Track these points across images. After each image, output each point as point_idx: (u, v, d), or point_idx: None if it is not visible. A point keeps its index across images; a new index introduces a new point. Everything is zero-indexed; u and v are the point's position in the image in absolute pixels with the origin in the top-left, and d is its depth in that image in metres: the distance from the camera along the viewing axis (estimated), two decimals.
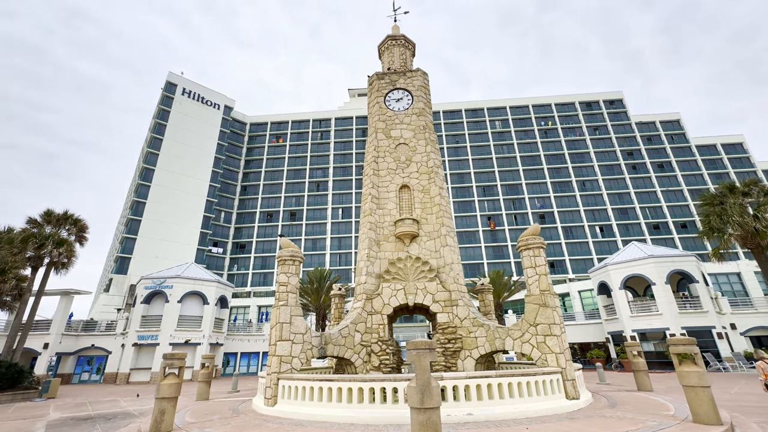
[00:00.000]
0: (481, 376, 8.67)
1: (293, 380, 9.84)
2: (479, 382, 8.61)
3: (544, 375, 9.38)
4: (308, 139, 75.56)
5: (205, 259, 60.11)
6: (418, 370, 5.77)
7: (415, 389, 5.65)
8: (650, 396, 11.76)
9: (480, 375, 8.68)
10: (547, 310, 10.58)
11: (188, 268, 35.95)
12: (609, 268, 35.67)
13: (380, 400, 8.57)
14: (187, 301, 33.62)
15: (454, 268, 13.67)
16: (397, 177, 15.95)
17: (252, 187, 71.86)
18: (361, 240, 14.84)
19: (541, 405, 8.84)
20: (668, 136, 74.48)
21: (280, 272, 11.65)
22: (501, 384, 8.73)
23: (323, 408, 8.95)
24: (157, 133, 60.98)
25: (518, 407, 8.55)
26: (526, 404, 8.68)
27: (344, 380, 8.92)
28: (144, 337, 31.32)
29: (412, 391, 5.67)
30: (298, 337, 11.12)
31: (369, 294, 13.46)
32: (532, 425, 7.67)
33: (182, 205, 58.92)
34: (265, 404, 10.28)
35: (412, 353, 5.95)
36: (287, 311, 11.13)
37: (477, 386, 8.61)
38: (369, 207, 15.01)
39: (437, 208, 14.92)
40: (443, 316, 13.02)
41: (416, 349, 5.93)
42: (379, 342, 12.67)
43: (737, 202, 24.02)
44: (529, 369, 9.36)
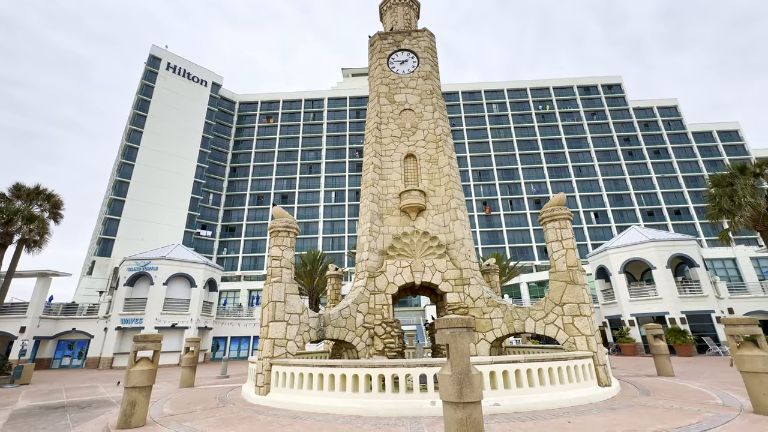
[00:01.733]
0: (508, 361, 7.49)
1: (289, 366, 8.57)
2: (506, 368, 7.44)
3: (576, 360, 8.27)
4: (300, 120, 73.02)
5: (193, 241, 58.18)
6: (454, 354, 4.50)
7: (450, 379, 4.39)
8: (679, 382, 10.83)
9: (507, 360, 7.51)
10: (575, 287, 9.42)
11: (174, 250, 34.24)
12: (609, 252, 35.03)
13: (392, 389, 7.36)
14: (173, 284, 32.05)
15: (465, 244, 12.43)
16: (402, 145, 14.50)
17: (242, 168, 69.47)
18: (363, 213, 13.46)
19: (575, 393, 7.74)
20: (665, 122, 73.87)
21: (273, 245, 10.25)
22: (530, 370, 7.58)
23: (324, 398, 7.72)
24: (141, 110, 57.96)
25: (550, 396, 7.42)
26: (558, 392, 7.57)
27: (349, 366, 7.68)
28: (128, 320, 29.80)
29: (447, 381, 4.41)
30: (294, 317, 9.81)
31: (372, 272, 12.18)
32: (571, 417, 6.55)
33: (168, 185, 56.53)
34: (256, 393, 9.03)
35: (444, 333, 4.67)
36: (281, 288, 9.78)
37: (504, 372, 7.44)
38: (371, 177, 13.59)
39: (446, 179, 13.56)
40: (453, 296, 11.84)
41: (450, 328, 4.65)
42: (383, 324, 11.46)
43: (749, 182, 23.22)
44: (560, 353, 8.25)
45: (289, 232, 10.39)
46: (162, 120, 58.64)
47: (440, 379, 4.55)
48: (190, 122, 61.92)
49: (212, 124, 65.66)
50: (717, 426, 5.84)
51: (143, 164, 55.06)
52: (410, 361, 7.43)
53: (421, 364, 7.34)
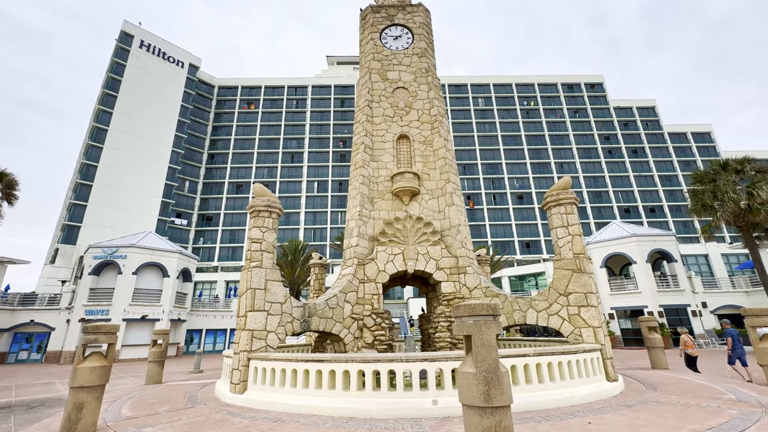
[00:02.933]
0: (516, 355, 6.76)
1: (269, 361, 7.58)
2: (514, 362, 6.71)
3: (585, 353, 7.65)
4: (283, 107, 70.67)
5: (167, 230, 55.49)
6: (479, 348, 3.66)
7: (475, 378, 3.54)
8: (678, 375, 10.48)
9: (516, 354, 6.77)
10: (582, 276, 8.81)
11: (145, 237, 32.23)
12: (591, 247, 35.38)
13: (388, 386, 6.51)
14: (143, 274, 30.16)
15: (461, 231, 11.67)
16: (395, 125, 13.54)
17: (220, 155, 66.74)
18: (352, 196, 12.47)
19: (585, 389, 7.11)
20: (643, 122, 75.75)
21: (253, 226, 9.14)
22: (540, 364, 6.89)
23: (310, 397, 6.78)
24: (111, 90, 54.45)
25: (561, 393, 6.76)
26: (568, 389, 6.92)
27: (340, 360, 6.76)
28: (93, 312, 27.80)
29: (471, 381, 3.56)
30: (276, 306, 8.78)
31: (361, 259, 11.25)
32: (589, 417, 5.88)
33: (140, 170, 53.52)
34: (231, 391, 7.99)
35: (464, 323, 3.82)
36: (261, 274, 8.72)
37: (512, 367, 6.71)
38: (361, 158, 12.59)
39: (442, 162, 12.73)
40: (448, 286, 11.08)
41: (473, 315, 3.80)
42: (372, 314, 10.58)
43: (731, 179, 23.60)
44: (569, 346, 7.61)
45: (271, 212, 9.30)
46: (134, 101, 55.32)
47: (461, 378, 3.70)
48: (164, 105, 58.74)
49: (189, 108, 62.58)
50: (751, 426, 5.30)
51: (113, 147, 51.85)
52: (409, 356, 6.58)
53: (421, 359, 6.51)
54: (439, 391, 6.38)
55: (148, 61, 58.84)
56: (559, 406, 6.54)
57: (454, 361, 6.51)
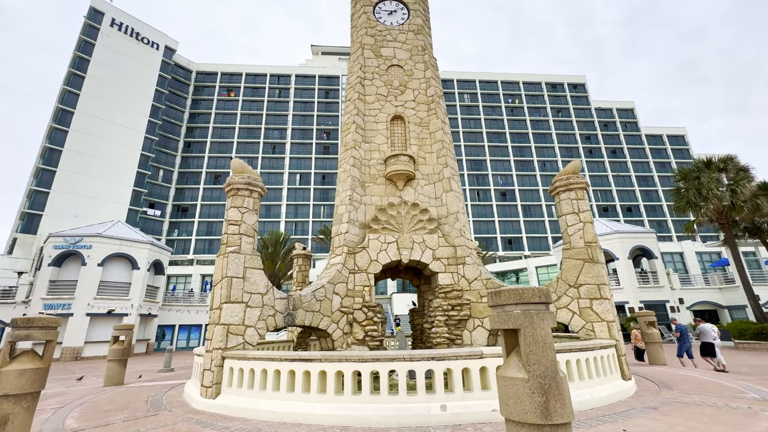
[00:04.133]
0: None
1: (247, 360, 6.51)
2: None
3: (602, 350, 6.97)
4: (264, 96, 68.21)
5: (139, 221, 52.59)
6: (531, 346, 2.77)
7: (527, 386, 2.66)
8: (683, 372, 10.06)
9: None
10: (595, 266, 8.13)
11: (113, 227, 30.07)
12: None
13: (388, 390, 5.58)
14: (111, 265, 28.10)
15: (460, 219, 10.85)
16: (389, 105, 12.56)
17: (197, 144, 63.84)
18: (342, 179, 11.43)
19: (604, 390, 6.41)
20: (623, 123, 77.49)
21: (231, 206, 8.00)
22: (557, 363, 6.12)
23: (296, 402, 5.78)
24: (78, 69, 50.84)
25: (582, 394, 6.01)
26: (588, 389, 6.19)
27: (332, 359, 5.78)
28: (53, 306, 25.64)
29: (521, 389, 2.68)
30: (256, 298, 7.69)
31: (351, 247, 10.25)
32: (619, 422, 5.15)
33: (110, 157, 50.32)
34: (202, 395, 6.88)
35: (510, 313, 2.93)
36: (239, 261, 7.60)
37: None
38: (352, 138, 11.55)
39: (439, 145, 11.86)
40: (446, 277, 10.24)
41: (521, 303, 2.91)
42: (363, 308, 9.63)
43: (714, 176, 23.89)
44: (586, 342, 6.91)
45: (252, 191, 8.17)
46: (103, 83, 51.89)
47: (506, 385, 2.81)
48: (137, 88, 55.44)
49: (164, 93, 59.39)
50: None
51: (79, 131, 48.48)
52: (413, 353, 5.67)
53: (427, 357, 5.61)
54: (448, 394, 5.51)
55: (120, 41, 55.32)
56: (580, 410, 5.80)
57: (465, 359, 5.65)
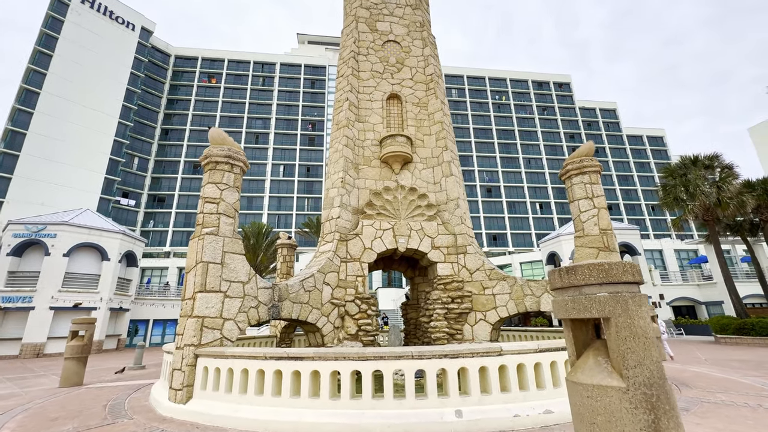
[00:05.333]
0: (556, 348, 5.26)
1: (225, 358, 5.55)
2: (554, 357, 5.20)
3: None
4: (248, 84, 65.86)
5: (111, 211, 49.87)
6: (628, 343, 1.98)
7: (626, 399, 1.87)
8: (688, 368, 9.66)
9: (555, 347, 5.27)
10: (610, 255, 7.54)
11: (81, 215, 28.02)
12: (561, 239, 35.68)
13: (392, 393, 4.76)
14: (78, 256, 26.18)
15: (460, 205, 10.10)
16: (384, 83, 11.65)
17: (176, 131, 61.07)
18: (333, 160, 10.48)
19: None
20: (605, 123, 78.88)
21: (208, 182, 6.96)
22: None
23: (283, 408, 4.88)
24: (46, 47, 47.48)
25: None
26: None
27: (326, 357, 4.90)
28: (11, 299, 23.63)
29: (618, 402, 1.88)
30: (236, 287, 6.71)
31: (344, 234, 9.35)
32: None
33: (80, 142, 47.36)
34: (171, 398, 5.88)
35: (593, 298, 2.13)
36: (217, 244, 6.60)
37: (551, 364, 5.20)
38: (345, 117, 10.60)
39: (438, 127, 11.06)
40: (446, 267, 9.49)
41: (607, 282, 2.11)
42: (356, 300, 8.77)
43: (700, 174, 24.11)
44: None
45: (232, 165, 7.14)
46: (73, 63, 48.69)
47: (587, 395, 2.02)
48: (110, 71, 52.35)
49: (140, 77, 56.37)
50: None
51: (46, 113, 45.35)
52: (422, 350, 4.86)
53: (439, 354, 4.81)
54: (463, 397, 4.73)
55: (92, 20, 52.00)
56: None
57: (482, 357, 4.88)
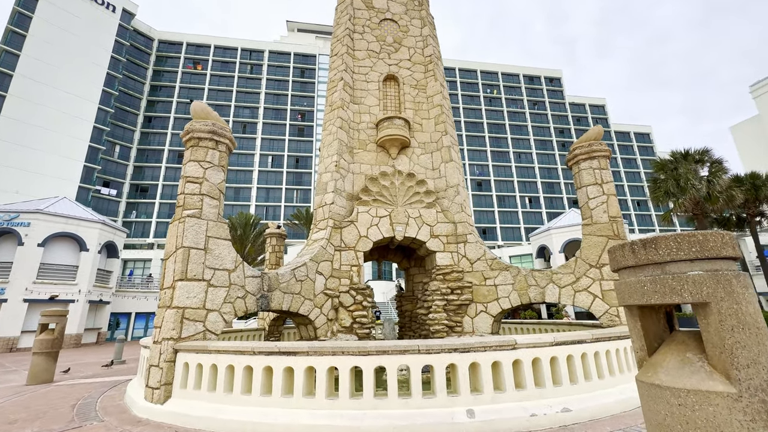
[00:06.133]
0: (573, 341, 4.85)
1: (209, 353, 4.98)
2: (571, 351, 4.79)
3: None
4: (235, 71, 63.94)
5: (92, 200, 48.02)
6: (737, 334, 1.52)
7: (734, 406, 1.41)
8: None
9: (571, 339, 4.86)
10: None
11: (57, 203, 26.71)
12: (552, 232, 35.83)
13: (396, 392, 4.27)
14: (54, 246, 24.98)
15: (460, 192, 9.63)
16: (381, 63, 11.03)
17: (159, 119, 59.02)
18: (327, 143, 9.87)
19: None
20: (594, 119, 79.51)
21: (190, 159, 6.29)
22: (598, 353, 5.06)
23: (274, 409, 4.35)
24: (18, 27, 44.98)
25: (620, 391, 4.97)
26: (622, 385, 5.16)
27: (323, 352, 4.38)
28: None
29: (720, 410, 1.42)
30: (221, 275, 6.11)
31: (338, 221, 8.79)
32: None
33: (57, 128, 45.25)
34: (147, 398, 5.29)
35: (685, 277, 1.65)
36: (200, 228, 5.97)
37: (568, 358, 4.79)
38: (339, 97, 9.97)
39: (437, 110, 10.53)
40: (445, 257, 9.03)
41: (703, 258, 1.64)
42: (351, 291, 8.25)
43: (691, 168, 24.27)
44: (614, 329, 5.92)
45: (217, 141, 6.49)
46: (49, 45, 46.31)
47: (678, 402, 1.55)
48: (89, 54, 50.01)
49: (121, 61, 54.06)
50: None
51: (19, 97, 43.10)
52: (430, 344, 4.37)
53: (448, 348, 4.33)
54: (475, 396, 4.27)
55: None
56: (626, 410, 4.77)
57: (495, 350, 4.43)
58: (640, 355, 1.95)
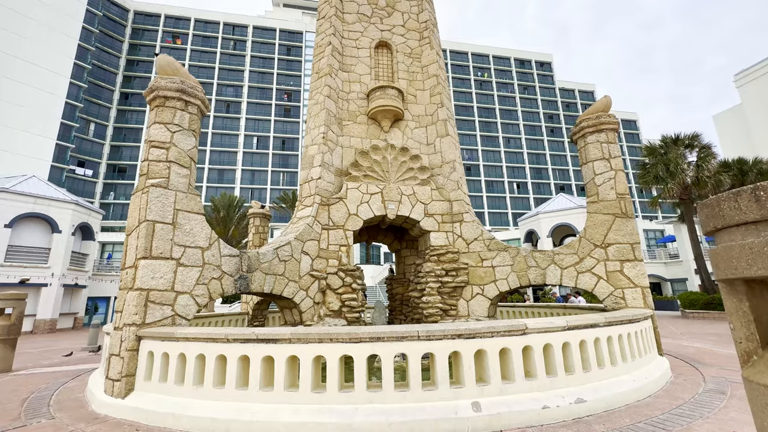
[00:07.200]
0: (585, 326, 4.39)
1: (175, 341, 4.34)
2: (584, 336, 4.34)
3: (645, 321, 5.63)
4: (217, 47, 61.09)
5: (66, 181, 45.77)
6: None
7: None
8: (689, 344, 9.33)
9: (584, 323, 4.40)
10: (628, 222, 6.74)
11: (25, 182, 25.08)
12: (540, 217, 35.86)
13: (392, 383, 3.74)
14: (23, 227, 23.57)
15: (456, 169, 9.04)
16: (373, 28, 10.17)
17: (137, 96, 56.20)
18: (314, 114, 9.07)
19: (653, 370, 5.07)
20: (583, 105, 79.52)
21: (155, 121, 5.48)
22: (611, 337, 4.63)
23: (252, 404, 3.78)
24: None
25: (633, 379, 4.58)
26: (635, 372, 4.78)
27: (308, 339, 3.79)
28: None
29: None
30: (193, 253, 5.42)
31: (325, 198, 8.11)
32: (712, 418, 3.75)
33: (25, 103, 42.49)
34: (107, 391, 4.65)
35: None
36: (167, 199, 5.23)
37: (581, 343, 4.34)
38: (327, 63, 9.13)
39: (433, 81, 9.80)
40: (439, 237, 8.50)
41: None
42: (339, 272, 7.67)
43: (681, 153, 24.27)
44: (632, 311, 5.53)
45: (187, 102, 5.67)
46: (12, 12, 42.97)
47: None
48: (58, 23, 46.72)
49: (94, 33, 50.80)
50: None
51: None
52: (431, 330, 3.83)
53: (451, 334, 3.80)
54: (481, 386, 3.78)
55: None
56: (640, 398, 4.38)
57: (503, 336, 3.92)
58: (747, 346, 1.41)
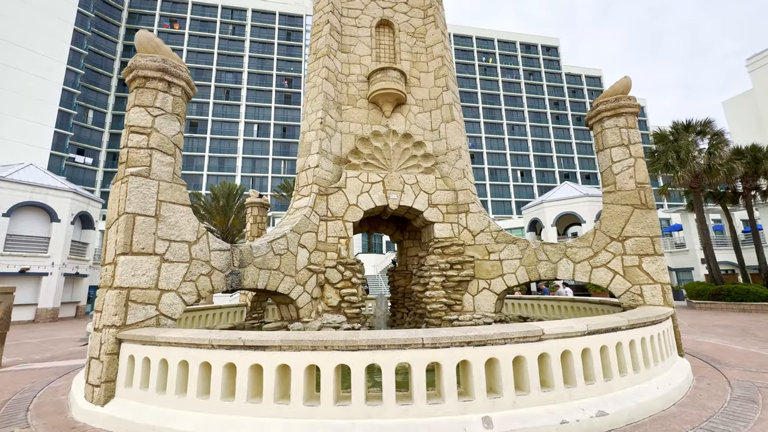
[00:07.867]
0: (607, 329, 3.99)
1: (157, 345, 3.98)
2: (605, 341, 3.94)
3: (667, 321, 5.23)
4: (216, 31, 59.79)
5: (66, 169, 45.45)
6: None
7: None
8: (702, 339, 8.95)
9: (606, 326, 3.99)
10: (648, 214, 6.27)
11: (23, 170, 24.79)
12: (545, 205, 35.34)
13: (394, 395, 3.37)
14: (21, 216, 23.37)
15: (462, 156, 8.54)
16: (374, 6, 9.54)
17: None
18: (311, 97, 8.56)
19: (676, 375, 4.68)
20: (590, 91, 77.90)
21: (135, 104, 5.02)
22: (633, 341, 4.23)
23: (239, 417, 3.43)
24: None
25: (656, 386, 4.20)
26: (657, 378, 4.39)
27: (300, 346, 3.41)
28: None
29: None
30: (179, 248, 5.02)
31: (324, 187, 7.67)
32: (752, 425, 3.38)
33: (21, 89, 41.83)
34: (87, 397, 4.32)
35: None
36: (149, 190, 4.81)
37: (602, 349, 3.94)
38: (325, 43, 8.56)
39: (437, 62, 9.22)
40: (444, 228, 8.07)
41: None
42: (338, 266, 7.28)
43: (692, 139, 23.51)
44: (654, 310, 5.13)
45: (170, 83, 5.19)
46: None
47: None
48: (53, 7, 45.63)
49: (89, 17, 49.66)
50: None
51: None
52: (437, 335, 3.43)
53: (460, 341, 3.40)
54: (492, 399, 3.40)
55: None
56: (665, 407, 4.00)
57: (517, 343, 3.53)
58: None
